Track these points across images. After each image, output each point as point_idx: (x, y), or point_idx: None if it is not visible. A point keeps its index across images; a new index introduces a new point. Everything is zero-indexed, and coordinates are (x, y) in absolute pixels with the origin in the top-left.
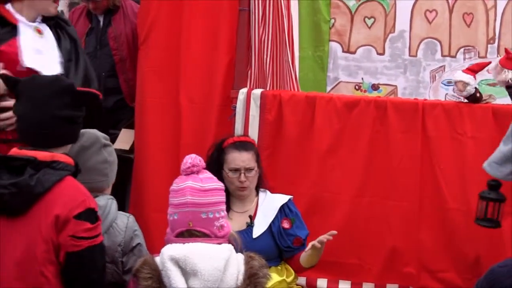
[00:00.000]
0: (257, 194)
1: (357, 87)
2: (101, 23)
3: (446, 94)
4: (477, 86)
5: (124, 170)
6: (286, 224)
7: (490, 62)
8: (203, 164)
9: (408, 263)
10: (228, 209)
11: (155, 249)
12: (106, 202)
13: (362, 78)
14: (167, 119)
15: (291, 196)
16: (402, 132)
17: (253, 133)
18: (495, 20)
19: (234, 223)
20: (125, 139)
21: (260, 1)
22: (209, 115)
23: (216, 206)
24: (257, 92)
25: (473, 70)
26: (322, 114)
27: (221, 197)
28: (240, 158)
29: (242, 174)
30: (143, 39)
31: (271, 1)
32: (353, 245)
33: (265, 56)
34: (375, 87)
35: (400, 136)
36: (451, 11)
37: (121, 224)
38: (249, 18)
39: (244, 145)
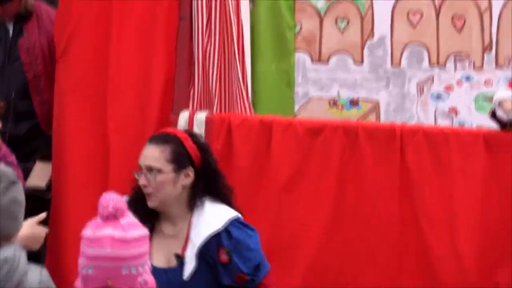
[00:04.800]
0: (191, 211)
1: (332, 103)
2: (11, 32)
3: (436, 110)
4: None
5: (39, 212)
6: (223, 256)
7: None
8: (125, 205)
9: None
10: (153, 229)
11: None
12: (13, 254)
13: (338, 92)
14: (92, 149)
15: (235, 215)
16: (377, 163)
17: None
18: (490, 24)
19: (161, 254)
20: (40, 174)
21: (204, 7)
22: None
23: (140, 259)
24: (202, 115)
25: None
26: (280, 142)
27: (145, 247)
28: (143, 153)
29: (142, 175)
30: (61, 50)
31: (218, 6)
32: None
33: (211, 72)
34: (354, 102)
35: (375, 169)
36: (438, 13)
37: (32, 280)
38: (191, 28)
39: (158, 137)
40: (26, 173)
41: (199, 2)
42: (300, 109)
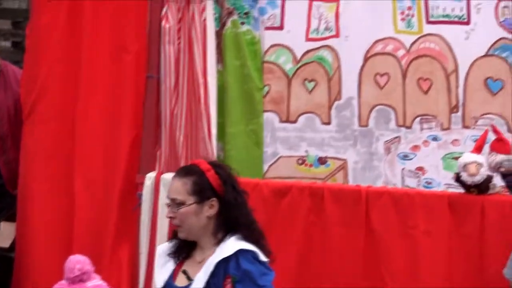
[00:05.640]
0: (219, 243)
1: (300, 162)
2: None
3: (403, 169)
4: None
5: (2, 273)
6: (228, 286)
7: (487, 132)
8: (92, 268)
9: None
10: (188, 257)
11: None
12: None
13: (306, 151)
14: (58, 210)
15: (249, 248)
16: (342, 225)
17: (163, 227)
18: (457, 86)
19: (181, 276)
20: (4, 234)
21: (172, 66)
22: (109, 204)
23: None
24: (168, 177)
25: (480, 148)
26: None
27: None
28: (169, 187)
29: (169, 208)
30: (28, 111)
31: (186, 67)
32: None
33: (178, 133)
34: (322, 160)
35: (340, 230)
36: (404, 75)
37: None
38: (159, 87)
39: (183, 170)
40: None
41: (167, 62)
42: (269, 168)
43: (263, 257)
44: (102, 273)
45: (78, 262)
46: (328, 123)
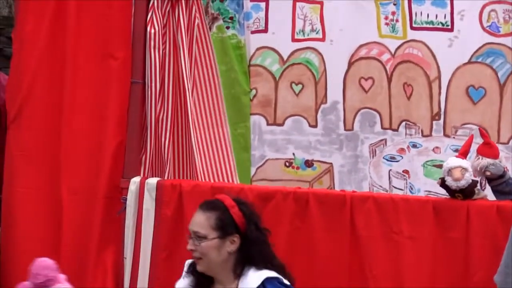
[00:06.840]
0: (238, 277)
1: (287, 164)
2: None
3: (390, 170)
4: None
5: None
6: None
7: (472, 136)
8: (57, 273)
9: None
10: None
11: None
12: None
13: (294, 154)
14: (43, 215)
15: (274, 275)
16: (327, 230)
17: (148, 231)
18: (439, 93)
19: None
20: None
21: (157, 72)
22: (94, 209)
23: None
24: (153, 181)
25: (465, 153)
26: None
27: None
28: (192, 219)
29: (191, 240)
30: (13, 116)
31: (171, 72)
32: None
33: (163, 139)
34: (309, 163)
35: (325, 236)
36: (389, 79)
37: None
38: (144, 92)
39: (207, 204)
40: None
41: (152, 67)
42: (256, 171)
43: (286, 282)
44: (87, 276)
45: (44, 268)
46: (315, 125)
